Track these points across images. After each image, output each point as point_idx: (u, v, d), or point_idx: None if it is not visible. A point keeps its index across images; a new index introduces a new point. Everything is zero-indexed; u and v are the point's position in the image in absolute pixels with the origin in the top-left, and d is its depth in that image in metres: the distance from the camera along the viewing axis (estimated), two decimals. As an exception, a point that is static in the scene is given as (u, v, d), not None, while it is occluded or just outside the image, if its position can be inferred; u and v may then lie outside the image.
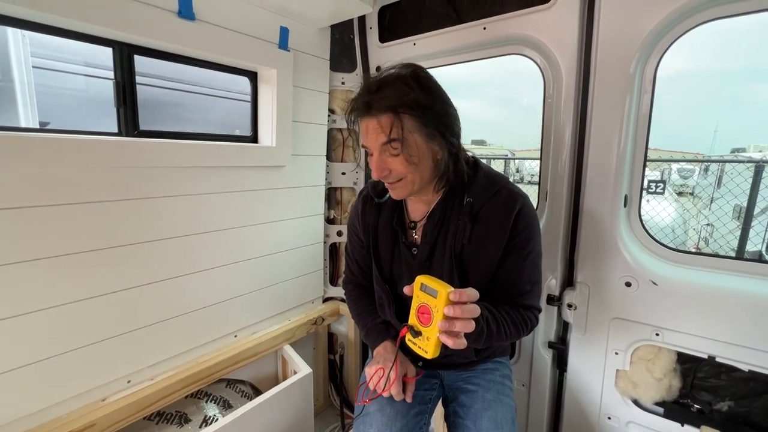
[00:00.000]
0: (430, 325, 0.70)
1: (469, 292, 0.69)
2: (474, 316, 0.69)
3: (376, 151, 0.84)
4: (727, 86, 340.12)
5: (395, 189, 0.89)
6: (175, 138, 1.18)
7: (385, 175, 0.86)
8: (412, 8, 1.46)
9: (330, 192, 1.77)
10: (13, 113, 1.15)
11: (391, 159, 0.84)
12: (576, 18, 1.12)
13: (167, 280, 1.19)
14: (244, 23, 1.23)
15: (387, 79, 0.84)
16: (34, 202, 0.92)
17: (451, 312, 0.67)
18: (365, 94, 0.83)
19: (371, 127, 0.83)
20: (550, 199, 1.27)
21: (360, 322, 1.09)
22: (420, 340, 0.72)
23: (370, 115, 0.82)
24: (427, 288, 0.71)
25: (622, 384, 1.22)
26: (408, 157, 0.83)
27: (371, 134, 0.83)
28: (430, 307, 0.70)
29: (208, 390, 1.35)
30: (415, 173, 0.85)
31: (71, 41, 0.98)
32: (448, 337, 0.68)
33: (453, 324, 0.67)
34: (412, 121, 0.81)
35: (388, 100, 0.80)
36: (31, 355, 0.96)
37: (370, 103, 0.81)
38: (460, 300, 0.68)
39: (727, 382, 1.11)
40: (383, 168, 0.85)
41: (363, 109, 0.83)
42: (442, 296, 0.67)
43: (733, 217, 4.53)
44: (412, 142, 0.82)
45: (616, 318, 1.18)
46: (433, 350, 0.70)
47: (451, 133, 0.86)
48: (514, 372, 1.36)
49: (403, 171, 0.84)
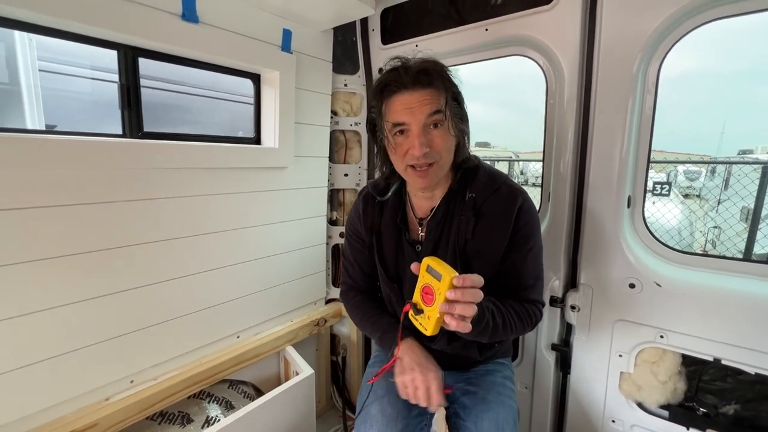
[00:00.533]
0: (432, 305, 0.72)
1: (473, 277, 0.70)
2: (476, 300, 0.69)
3: (419, 125, 0.82)
4: (734, 87, 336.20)
5: (427, 174, 0.86)
6: (179, 140, 1.19)
7: (426, 152, 0.83)
8: (414, 10, 1.47)
9: (332, 193, 1.78)
10: (20, 116, 1.17)
11: (433, 134, 0.84)
12: (578, 18, 1.12)
13: (171, 281, 1.20)
14: (247, 26, 1.25)
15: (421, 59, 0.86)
16: (40, 203, 0.93)
17: (452, 295, 0.68)
18: (406, 70, 0.83)
19: (416, 98, 0.82)
20: (552, 200, 1.27)
21: (370, 327, 1.03)
22: (421, 317, 0.75)
23: (414, 87, 0.82)
24: (432, 270, 0.73)
25: (627, 387, 1.20)
26: (451, 128, 0.84)
27: (416, 106, 0.82)
28: (433, 288, 0.72)
29: (211, 390, 1.35)
30: (449, 154, 0.87)
31: (77, 44, 0.99)
32: (450, 318, 0.69)
33: (453, 307, 0.68)
34: (451, 97, 0.85)
35: (438, 72, 0.83)
36: (35, 354, 0.96)
37: (421, 73, 0.82)
38: (464, 285, 0.68)
39: (734, 385, 1.10)
40: (426, 143, 0.83)
41: (411, 80, 0.82)
42: (446, 280, 0.69)
43: (741, 219, 4.48)
44: (452, 116, 0.85)
45: (620, 320, 1.17)
46: (433, 328, 0.73)
47: (467, 118, 0.91)
48: (516, 374, 1.35)
49: (442, 147, 0.85)
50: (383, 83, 0.86)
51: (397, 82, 0.83)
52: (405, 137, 0.85)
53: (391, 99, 0.85)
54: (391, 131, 0.86)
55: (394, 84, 0.84)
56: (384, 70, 0.89)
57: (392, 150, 0.88)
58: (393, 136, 0.86)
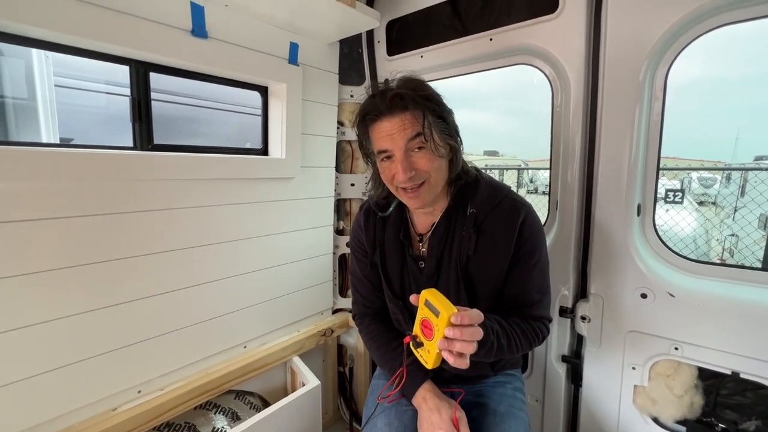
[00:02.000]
0: (432, 340, 0.70)
1: (471, 314, 0.68)
2: (475, 338, 0.67)
3: (400, 151, 0.82)
4: (749, 92, 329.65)
5: (418, 195, 0.86)
6: (188, 151, 1.21)
7: (411, 176, 0.83)
8: (418, 21, 1.48)
9: (339, 203, 1.78)
10: (35, 129, 1.21)
11: (416, 157, 0.83)
12: (583, 27, 1.12)
13: (178, 291, 1.21)
14: (254, 40, 1.27)
15: (400, 82, 0.86)
16: (51, 215, 0.95)
17: (450, 334, 0.66)
18: (383, 96, 0.83)
19: (395, 125, 0.82)
20: (560, 209, 1.25)
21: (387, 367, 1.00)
22: (422, 350, 0.73)
23: (392, 114, 0.82)
24: (431, 305, 0.70)
25: (641, 401, 1.17)
26: (435, 150, 0.83)
27: (396, 132, 0.82)
28: (432, 323, 0.70)
29: (217, 401, 1.35)
30: (438, 172, 0.86)
31: (91, 60, 1.02)
32: (449, 354, 0.67)
33: (453, 344, 0.66)
34: (432, 116, 0.83)
35: (412, 95, 0.81)
36: (42, 364, 0.97)
37: (395, 99, 0.81)
38: (462, 323, 0.66)
39: (753, 399, 1.06)
40: (410, 168, 0.82)
41: (386, 107, 0.82)
42: (444, 318, 0.67)
43: (759, 227, 4.36)
44: (435, 137, 0.83)
45: (632, 331, 1.14)
46: (433, 362, 0.71)
47: (457, 132, 0.89)
48: (527, 386, 1.32)
49: (428, 168, 0.84)
50: (363, 112, 0.87)
51: (375, 109, 0.84)
52: (391, 162, 0.85)
53: (373, 127, 0.86)
54: (378, 157, 0.88)
55: (372, 112, 0.85)
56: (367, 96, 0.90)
57: (382, 174, 0.90)
58: (380, 162, 0.88)
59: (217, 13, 1.16)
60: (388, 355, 1.00)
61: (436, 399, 0.89)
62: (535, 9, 1.21)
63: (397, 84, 0.86)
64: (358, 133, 0.92)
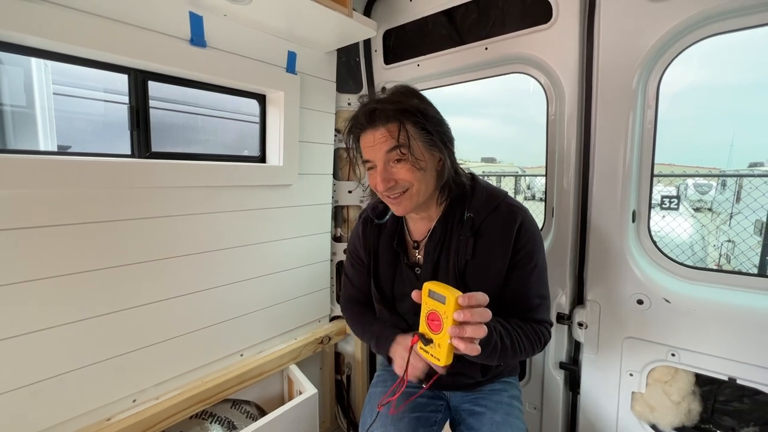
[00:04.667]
0: (441, 331, 0.68)
1: (477, 295, 0.67)
2: (484, 320, 0.67)
3: (381, 162, 0.85)
4: (744, 99, 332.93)
5: (400, 203, 0.88)
6: (186, 159, 1.22)
7: (391, 186, 0.85)
8: (415, 31, 1.50)
9: (337, 210, 1.79)
10: (34, 137, 1.21)
11: (396, 168, 0.85)
12: (576, 36, 1.14)
13: (175, 299, 1.20)
14: (252, 49, 1.29)
15: (385, 95, 0.88)
16: (47, 222, 0.94)
17: (461, 317, 0.65)
18: (365, 109, 0.86)
19: (376, 137, 0.84)
20: (556, 216, 1.26)
21: (366, 333, 1.04)
22: (431, 348, 0.71)
23: (373, 127, 0.85)
24: (435, 294, 0.69)
25: (639, 407, 1.16)
26: (414, 163, 0.84)
27: (376, 144, 0.84)
28: (439, 313, 0.68)
29: (213, 410, 1.34)
30: (421, 182, 0.86)
31: (90, 69, 1.03)
32: (460, 341, 0.65)
33: (463, 329, 0.65)
34: (414, 127, 0.84)
35: (391, 108, 0.83)
36: (36, 374, 0.96)
37: (373, 113, 0.84)
38: (469, 304, 0.66)
39: (751, 406, 1.06)
40: (389, 179, 0.85)
41: (366, 121, 0.85)
42: (451, 301, 0.66)
43: (755, 233, 4.38)
44: (416, 148, 0.84)
45: (629, 337, 1.15)
46: (446, 357, 0.69)
47: (448, 140, 0.89)
48: (524, 394, 1.32)
49: (409, 179, 0.85)
50: (349, 124, 0.91)
51: (357, 122, 0.88)
52: (374, 171, 0.88)
53: (359, 137, 0.90)
54: (365, 166, 0.91)
55: (356, 125, 0.89)
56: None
57: (370, 182, 0.93)
58: (367, 171, 0.91)
59: (216, 22, 1.18)
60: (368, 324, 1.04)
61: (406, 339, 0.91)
62: (530, 19, 1.23)
63: (387, 94, 0.89)
64: (348, 143, 0.94)
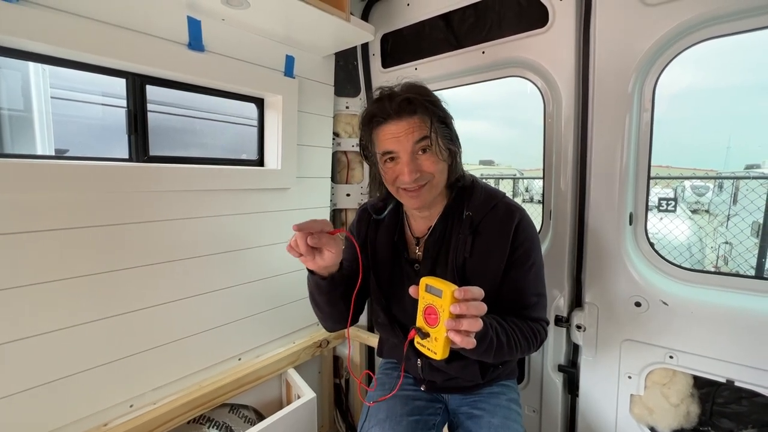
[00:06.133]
0: (437, 325, 0.70)
1: (473, 289, 0.68)
2: (480, 313, 0.68)
3: (407, 153, 0.85)
4: (740, 101, 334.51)
5: (419, 194, 0.88)
6: (184, 162, 1.22)
7: (416, 177, 0.85)
8: (412, 35, 1.51)
9: (335, 213, 1.79)
10: (31, 141, 1.21)
11: (422, 159, 0.86)
12: (572, 40, 1.15)
13: (172, 302, 1.20)
14: (251, 53, 1.29)
15: (405, 87, 0.88)
16: (43, 227, 0.94)
17: (457, 309, 0.66)
18: (391, 100, 0.85)
19: (401, 128, 0.84)
20: (554, 218, 1.26)
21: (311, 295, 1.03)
22: (428, 342, 0.72)
23: (399, 117, 0.84)
24: (432, 288, 0.71)
25: (638, 410, 1.16)
26: (439, 153, 0.86)
27: (403, 135, 0.84)
28: (436, 307, 0.70)
29: (211, 415, 1.33)
30: (441, 174, 0.88)
31: (88, 73, 1.03)
32: (456, 334, 0.66)
33: (459, 323, 0.66)
34: (437, 120, 0.86)
35: (420, 100, 0.84)
36: (33, 379, 0.96)
37: (401, 104, 0.83)
38: (465, 297, 0.67)
39: (749, 408, 1.06)
40: (416, 169, 0.85)
41: (393, 112, 0.84)
42: (447, 295, 0.67)
43: (752, 235, 4.40)
44: (439, 140, 0.86)
45: (628, 339, 1.15)
46: (442, 351, 0.70)
47: (456, 137, 0.92)
48: (523, 397, 1.31)
49: (432, 170, 0.86)
50: (370, 115, 0.89)
51: (383, 112, 0.86)
52: (395, 163, 0.87)
53: (378, 129, 0.88)
54: (382, 158, 0.89)
55: (380, 115, 0.86)
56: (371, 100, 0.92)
57: (384, 175, 0.91)
58: (384, 163, 0.90)
59: (214, 27, 1.18)
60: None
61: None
62: (526, 23, 1.24)
63: (402, 89, 0.88)
64: (362, 134, 0.93)
